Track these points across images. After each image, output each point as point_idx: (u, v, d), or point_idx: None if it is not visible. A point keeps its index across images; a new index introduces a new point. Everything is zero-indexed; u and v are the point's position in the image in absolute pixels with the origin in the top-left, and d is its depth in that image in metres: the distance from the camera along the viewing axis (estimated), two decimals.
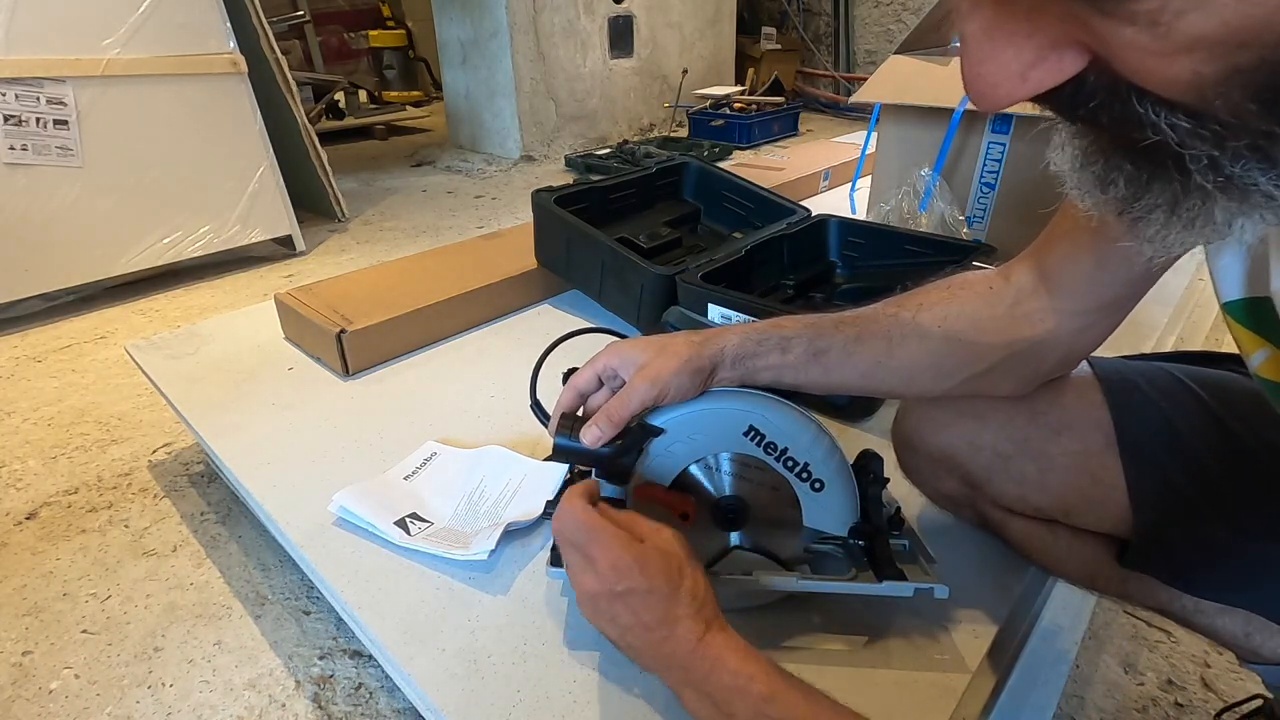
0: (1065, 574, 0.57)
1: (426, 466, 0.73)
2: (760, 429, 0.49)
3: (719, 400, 0.49)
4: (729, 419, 0.49)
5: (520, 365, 0.93)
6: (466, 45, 2.91)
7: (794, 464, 0.49)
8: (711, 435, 0.49)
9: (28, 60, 1.43)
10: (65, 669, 0.72)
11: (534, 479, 0.69)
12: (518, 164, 2.85)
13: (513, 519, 0.63)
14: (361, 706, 0.68)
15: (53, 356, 1.38)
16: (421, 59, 4.03)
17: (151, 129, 1.60)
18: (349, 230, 2.11)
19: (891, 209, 1.21)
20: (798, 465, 0.49)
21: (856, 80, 3.74)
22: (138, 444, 1.10)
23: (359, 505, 0.66)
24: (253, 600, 0.80)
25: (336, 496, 0.67)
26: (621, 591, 0.41)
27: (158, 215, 1.64)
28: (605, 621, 0.43)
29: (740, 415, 0.49)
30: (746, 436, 0.49)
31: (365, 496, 0.67)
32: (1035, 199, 1.15)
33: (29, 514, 0.95)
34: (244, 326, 1.06)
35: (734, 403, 0.49)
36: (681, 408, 0.49)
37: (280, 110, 1.92)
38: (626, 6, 3.03)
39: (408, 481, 0.71)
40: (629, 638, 0.42)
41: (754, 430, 0.49)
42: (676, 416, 0.49)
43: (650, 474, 0.50)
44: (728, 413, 0.49)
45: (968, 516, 0.60)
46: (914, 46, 1.29)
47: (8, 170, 1.44)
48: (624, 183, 1.16)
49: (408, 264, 1.14)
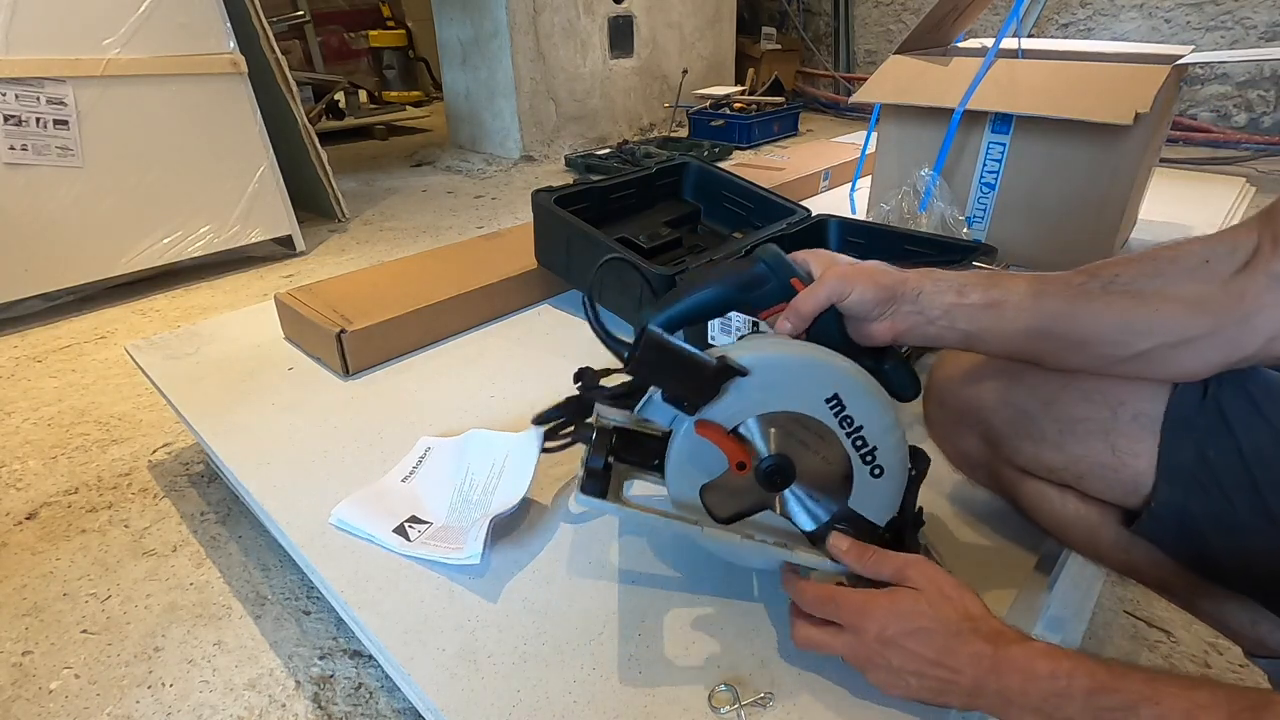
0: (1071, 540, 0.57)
1: (422, 464, 0.73)
2: (844, 399, 0.46)
3: (814, 356, 0.47)
4: (817, 379, 0.46)
5: (520, 365, 0.93)
6: (466, 45, 2.91)
7: (863, 444, 0.48)
8: (793, 390, 0.47)
9: (28, 60, 1.43)
10: (65, 669, 0.72)
11: (515, 456, 0.68)
12: (518, 164, 2.85)
13: (497, 509, 0.62)
14: (361, 707, 0.68)
15: (53, 356, 1.38)
16: (421, 59, 4.03)
17: (152, 129, 1.60)
18: (349, 230, 2.11)
19: (892, 209, 1.21)
20: (866, 446, 0.48)
21: (856, 80, 3.74)
22: (138, 444, 1.10)
23: (358, 517, 0.65)
24: (253, 600, 0.80)
25: (335, 510, 0.66)
26: (889, 638, 0.42)
27: (158, 215, 1.64)
28: (893, 678, 0.43)
29: (830, 378, 0.46)
30: (827, 402, 0.46)
31: (363, 506, 0.67)
32: (1035, 199, 1.15)
33: (29, 514, 0.95)
34: (244, 327, 1.06)
35: (829, 363, 0.47)
36: (774, 354, 0.47)
37: (280, 110, 1.92)
38: (626, 6, 3.03)
39: (405, 483, 0.71)
40: (924, 685, 0.42)
41: (837, 399, 0.46)
42: (767, 360, 0.46)
43: (715, 413, 0.47)
44: (819, 372, 0.46)
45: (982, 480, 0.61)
46: (914, 46, 1.29)
47: (8, 170, 1.44)
48: (624, 183, 1.16)
49: (408, 264, 1.14)
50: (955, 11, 1.29)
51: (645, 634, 0.54)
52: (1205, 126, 2.80)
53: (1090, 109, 1.01)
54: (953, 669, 0.40)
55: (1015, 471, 0.56)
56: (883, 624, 0.43)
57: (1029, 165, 1.14)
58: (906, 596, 0.43)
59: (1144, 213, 1.34)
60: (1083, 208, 1.11)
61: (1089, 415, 0.50)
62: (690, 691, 0.49)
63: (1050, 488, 0.55)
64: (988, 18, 3.08)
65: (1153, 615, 0.78)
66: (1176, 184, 1.61)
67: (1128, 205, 1.12)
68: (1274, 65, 2.65)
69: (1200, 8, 2.75)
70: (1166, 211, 1.41)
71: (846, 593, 0.46)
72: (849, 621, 0.44)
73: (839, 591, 0.46)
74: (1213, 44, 2.76)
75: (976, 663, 0.39)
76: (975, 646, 0.40)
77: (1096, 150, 1.07)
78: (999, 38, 1.18)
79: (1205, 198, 1.52)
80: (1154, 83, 1.00)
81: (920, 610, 0.42)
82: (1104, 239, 1.12)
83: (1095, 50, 1.27)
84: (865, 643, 0.43)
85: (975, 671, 0.40)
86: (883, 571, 0.46)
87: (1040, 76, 1.11)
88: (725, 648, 0.52)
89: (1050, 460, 0.53)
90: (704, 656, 0.51)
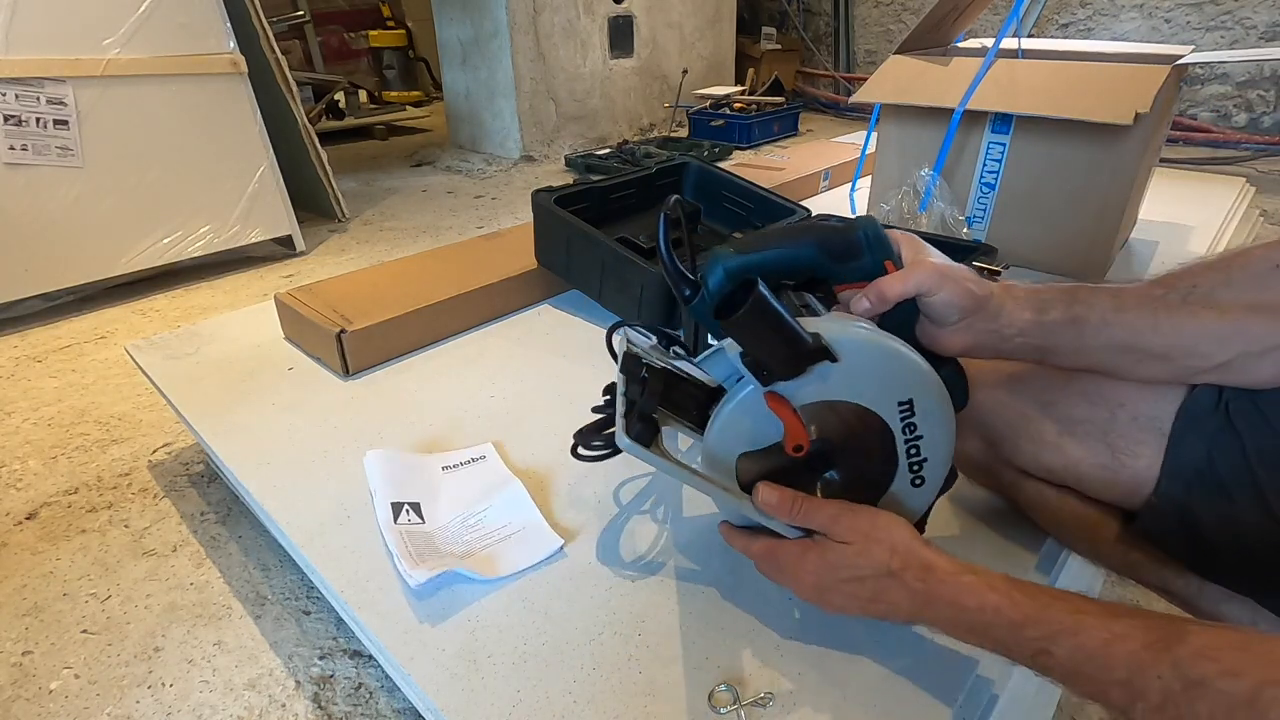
0: (1070, 541, 0.57)
1: (468, 466, 0.72)
2: (916, 406, 0.45)
3: (904, 355, 0.45)
4: (900, 381, 0.45)
5: (520, 365, 0.93)
6: (466, 45, 2.91)
7: (916, 453, 0.47)
8: (874, 386, 0.45)
9: (28, 60, 1.43)
10: (65, 669, 0.72)
11: (530, 534, 0.63)
12: (518, 164, 2.85)
13: (469, 568, 0.58)
14: (361, 707, 0.68)
15: (53, 356, 1.38)
16: (421, 59, 4.03)
17: (151, 129, 1.60)
18: (349, 230, 2.11)
19: (892, 209, 1.21)
20: (919, 456, 0.47)
21: (856, 80, 3.74)
22: (138, 444, 1.10)
23: (379, 469, 0.68)
24: (253, 600, 0.80)
25: (371, 452, 0.71)
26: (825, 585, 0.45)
27: (158, 215, 1.64)
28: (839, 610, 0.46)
29: (911, 383, 0.45)
30: (900, 405, 0.45)
31: (390, 465, 0.69)
32: (1036, 199, 1.15)
33: (29, 514, 0.95)
34: (244, 326, 1.06)
35: (915, 366, 0.45)
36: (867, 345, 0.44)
37: (280, 110, 1.92)
38: (626, 6, 3.03)
39: (444, 472, 0.71)
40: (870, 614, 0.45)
41: (910, 405, 0.45)
42: (859, 349, 0.44)
43: (788, 388, 0.45)
44: (904, 374, 0.45)
45: (983, 481, 0.61)
46: (914, 46, 1.29)
47: (8, 170, 1.44)
48: (624, 183, 1.16)
49: (408, 264, 1.14)
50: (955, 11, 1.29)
51: (645, 634, 0.53)
52: (1205, 126, 2.80)
53: (1090, 109, 1.01)
54: (890, 604, 0.44)
55: (1015, 472, 0.56)
56: (818, 575, 0.46)
57: (1029, 165, 1.14)
58: (834, 550, 0.45)
59: (1144, 213, 1.34)
60: (1083, 208, 1.11)
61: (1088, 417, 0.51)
62: (690, 691, 0.49)
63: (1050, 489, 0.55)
64: (988, 18, 3.09)
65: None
66: (1176, 184, 1.61)
67: (1128, 205, 1.12)
68: (1274, 65, 2.65)
69: (1200, 8, 2.75)
70: (1166, 211, 1.41)
71: (781, 547, 0.48)
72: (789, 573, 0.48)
73: (775, 546, 0.49)
74: (1213, 44, 2.76)
75: (910, 598, 0.42)
76: (906, 585, 0.42)
77: (1096, 150, 1.07)
78: (999, 38, 1.18)
79: (1205, 198, 1.52)
80: (1154, 83, 1.00)
81: (848, 561, 0.44)
82: (1104, 239, 1.12)
83: (1095, 50, 1.27)
84: (805, 590, 0.47)
85: (910, 605, 0.43)
86: (811, 523, 0.47)
87: (1040, 76, 1.11)
88: (725, 648, 0.52)
89: (1050, 461, 0.53)
90: (704, 656, 0.51)
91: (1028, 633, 0.37)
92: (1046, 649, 0.37)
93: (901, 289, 0.46)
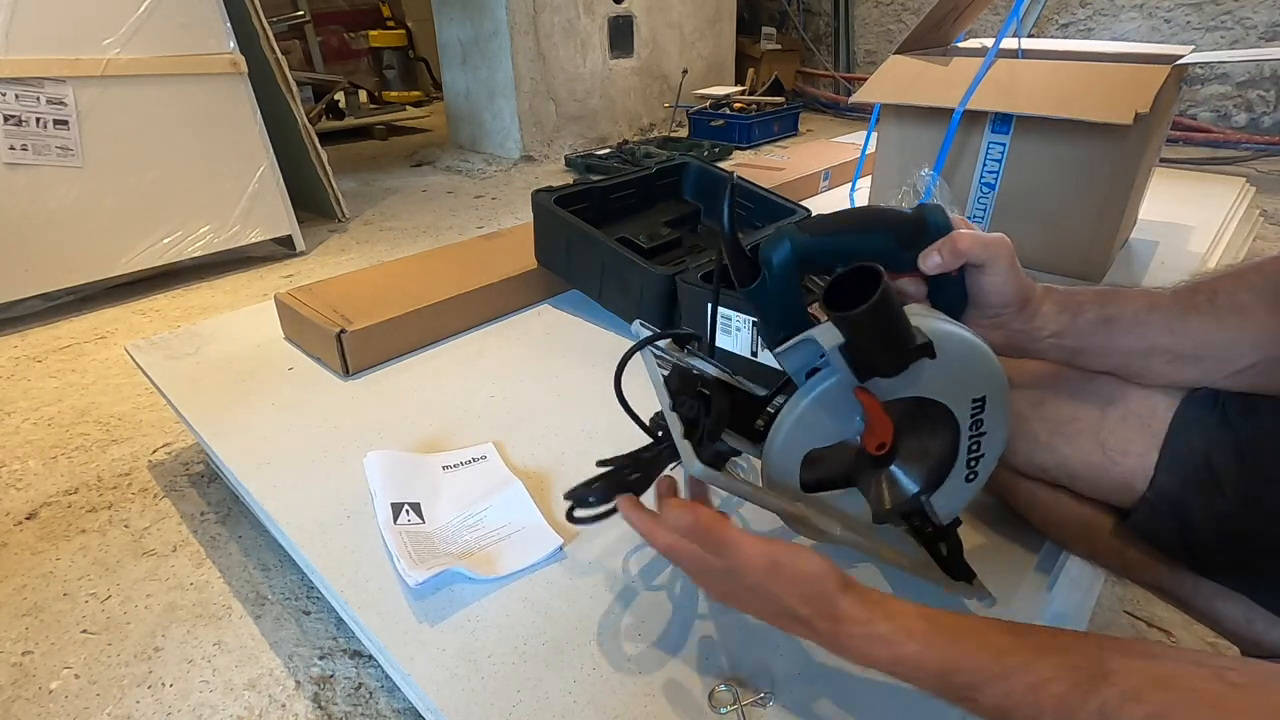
0: (1066, 540, 0.57)
1: (469, 466, 0.72)
2: (989, 404, 0.45)
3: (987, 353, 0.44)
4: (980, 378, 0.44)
5: (520, 365, 0.93)
6: (466, 45, 2.91)
7: (977, 449, 0.47)
8: (958, 383, 0.44)
9: (28, 60, 1.43)
10: (65, 669, 0.72)
11: (529, 534, 0.63)
12: (518, 164, 2.85)
13: (468, 568, 0.58)
14: (362, 706, 0.68)
15: (53, 356, 1.38)
16: (421, 59, 4.03)
17: (152, 129, 1.60)
18: (349, 230, 2.11)
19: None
20: (979, 452, 0.47)
21: (856, 80, 3.74)
22: (138, 444, 1.10)
23: (379, 470, 0.68)
24: (253, 600, 0.80)
25: (371, 454, 0.71)
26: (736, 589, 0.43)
27: (158, 215, 1.64)
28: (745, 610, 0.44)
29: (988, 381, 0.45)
30: (973, 401, 0.45)
31: (390, 466, 0.69)
32: (1035, 199, 1.15)
33: (29, 514, 0.95)
34: (244, 326, 1.06)
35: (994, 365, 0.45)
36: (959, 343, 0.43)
37: (280, 110, 1.92)
38: (626, 6, 3.03)
39: (445, 472, 0.71)
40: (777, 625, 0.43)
41: (983, 402, 0.45)
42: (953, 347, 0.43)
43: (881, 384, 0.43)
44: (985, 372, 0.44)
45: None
46: (914, 46, 1.29)
47: (8, 170, 1.44)
48: (624, 183, 1.16)
49: (408, 264, 1.14)
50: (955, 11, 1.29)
51: (645, 634, 0.54)
52: (1205, 126, 2.80)
53: (1090, 109, 1.01)
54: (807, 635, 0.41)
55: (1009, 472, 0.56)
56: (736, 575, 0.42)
57: (1029, 165, 1.14)
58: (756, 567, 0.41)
59: (1144, 213, 1.34)
60: (1083, 208, 1.11)
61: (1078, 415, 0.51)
62: (690, 691, 0.49)
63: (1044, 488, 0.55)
64: (988, 18, 3.08)
65: (1153, 615, 0.78)
66: (1176, 184, 1.61)
67: (1128, 205, 1.12)
68: (1274, 65, 2.65)
69: (1200, 8, 2.75)
70: (1167, 211, 1.41)
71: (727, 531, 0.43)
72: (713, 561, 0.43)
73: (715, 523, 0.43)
74: (1213, 44, 2.76)
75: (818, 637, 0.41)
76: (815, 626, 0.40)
77: (1096, 150, 1.07)
78: (999, 38, 1.18)
79: (1205, 198, 1.52)
80: (1154, 83, 1.00)
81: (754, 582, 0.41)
82: (1104, 239, 1.12)
83: (1095, 50, 1.27)
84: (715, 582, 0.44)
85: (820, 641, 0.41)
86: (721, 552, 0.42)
87: (1040, 76, 1.11)
88: (725, 648, 0.52)
89: (1042, 460, 0.53)
90: (704, 656, 0.51)
91: (953, 679, 0.36)
92: (972, 696, 0.36)
93: (974, 246, 0.45)
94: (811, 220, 0.46)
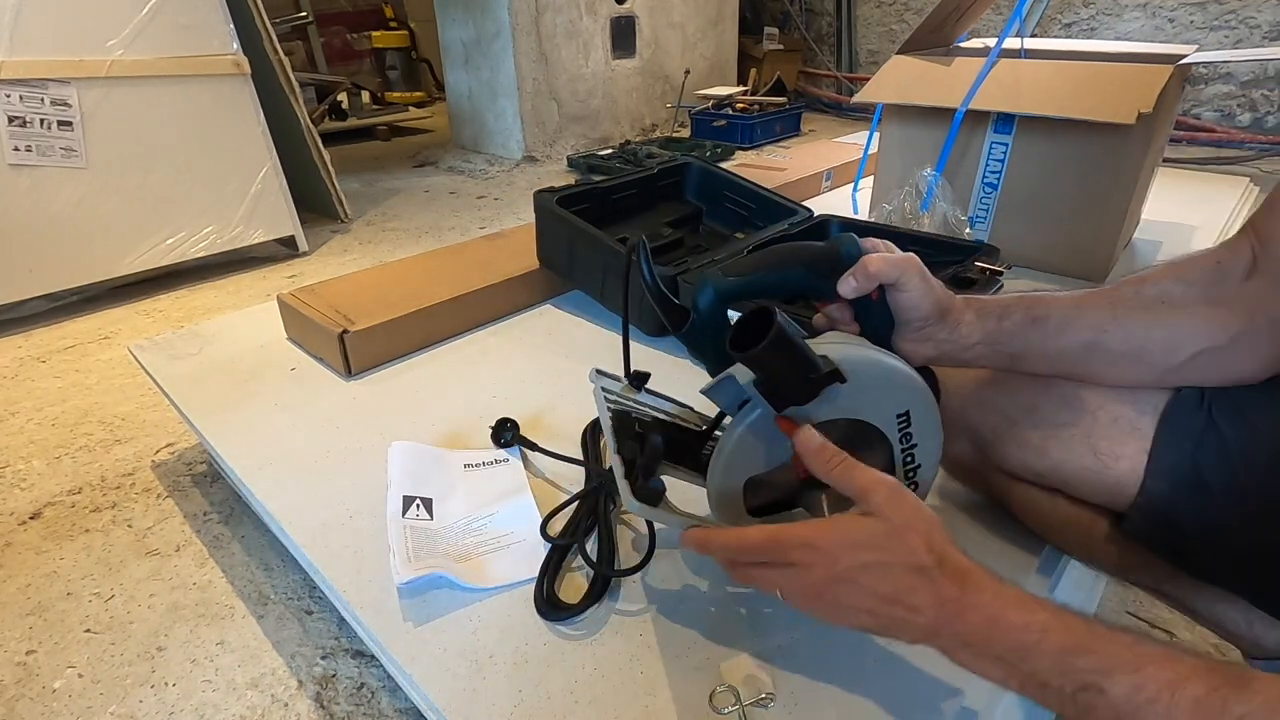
0: (1063, 543, 0.58)
1: (490, 467, 0.72)
2: (913, 416, 0.46)
3: (903, 370, 0.46)
4: (899, 394, 0.46)
5: (522, 365, 0.93)
6: (469, 46, 2.92)
7: (911, 460, 0.48)
8: (877, 402, 0.46)
9: (32, 62, 1.43)
10: (69, 668, 0.72)
11: (526, 548, 0.62)
12: (520, 164, 2.85)
13: (457, 574, 0.57)
14: (364, 706, 0.68)
15: (57, 357, 1.39)
16: (424, 60, 4.04)
17: (155, 130, 1.61)
18: (351, 231, 2.12)
19: (894, 209, 1.21)
20: (913, 463, 0.48)
21: (859, 80, 3.73)
22: (141, 444, 1.10)
23: (400, 461, 0.69)
24: (255, 600, 0.81)
25: (396, 443, 0.71)
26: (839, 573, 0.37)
27: (161, 216, 1.65)
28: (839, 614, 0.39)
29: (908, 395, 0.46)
30: (898, 417, 0.46)
31: (412, 459, 0.70)
32: (1038, 199, 1.15)
33: (33, 514, 0.96)
34: (247, 327, 1.06)
35: (912, 380, 0.46)
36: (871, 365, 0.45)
37: (283, 111, 1.92)
38: (628, 7, 3.03)
39: (465, 470, 0.71)
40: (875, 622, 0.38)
41: (908, 416, 0.46)
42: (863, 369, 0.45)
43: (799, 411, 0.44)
44: (903, 388, 0.46)
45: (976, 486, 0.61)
46: (916, 46, 1.29)
47: (12, 171, 1.44)
48: (626, 183, 1.16)
49: (410, 264, 1.14)
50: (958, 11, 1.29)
51: (645, 634, 0.54)
52: (1209, 126, 2.80)
53: (1093, 109, 1.01)
54: (910, 608, 0.36)
55: (1005, 477, 0.56)
56: (834, 558, 0.38)
57: (1032, 165, 1.13)
58: (862, 526, 0.38)
59: (1147, 213, 1.34)
60: (1086, 208, 1.11)
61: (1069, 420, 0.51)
62: (690, 691, 0.49)
63: (1040, 492, 0.55)
64: (990, 17, 3.08)
65: (1155, 616, 0.77)
66: (1180, 184, 1.61)
67: (1131, 205, 1.11)
68: (1278, 65, 2.64)
69: (1204, 7, 2.74)
70: (1170, 211, 1.41)
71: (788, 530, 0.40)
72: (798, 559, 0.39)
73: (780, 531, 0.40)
74: (1216, 43, 2.75)
75: (939, 604, 0.36)
76: (940, 587, 0.36)
77: (1099, 150, 1.06)
78: (1002, 37, 1.18)
79: (1209, 198, 1.52)
80: (1157, 82, 0.99)
81: (877, 542, 0.37)
82: (1107, 239, 1.12)
83: (1098, 50, 1.27)
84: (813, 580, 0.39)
85: (936, 613, 0.36)
86: (846, 484, 0.41)
87: (1043, 76, 1.11)
88: (725, 648, 0.52)
89: (1036, 465, 0.53)
90: (704, 656, 0.51)
91: (1078, 662, 0.32)
92: (1098, 684, 0.32)
93: (884, 267, 0.46)
94: (733, 262, 0.49)
